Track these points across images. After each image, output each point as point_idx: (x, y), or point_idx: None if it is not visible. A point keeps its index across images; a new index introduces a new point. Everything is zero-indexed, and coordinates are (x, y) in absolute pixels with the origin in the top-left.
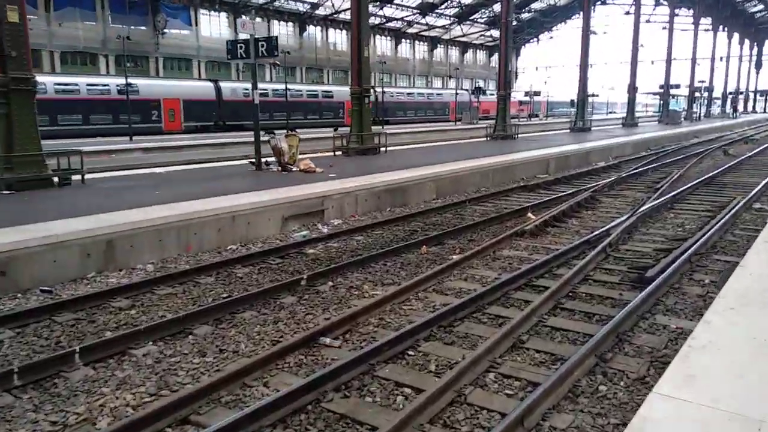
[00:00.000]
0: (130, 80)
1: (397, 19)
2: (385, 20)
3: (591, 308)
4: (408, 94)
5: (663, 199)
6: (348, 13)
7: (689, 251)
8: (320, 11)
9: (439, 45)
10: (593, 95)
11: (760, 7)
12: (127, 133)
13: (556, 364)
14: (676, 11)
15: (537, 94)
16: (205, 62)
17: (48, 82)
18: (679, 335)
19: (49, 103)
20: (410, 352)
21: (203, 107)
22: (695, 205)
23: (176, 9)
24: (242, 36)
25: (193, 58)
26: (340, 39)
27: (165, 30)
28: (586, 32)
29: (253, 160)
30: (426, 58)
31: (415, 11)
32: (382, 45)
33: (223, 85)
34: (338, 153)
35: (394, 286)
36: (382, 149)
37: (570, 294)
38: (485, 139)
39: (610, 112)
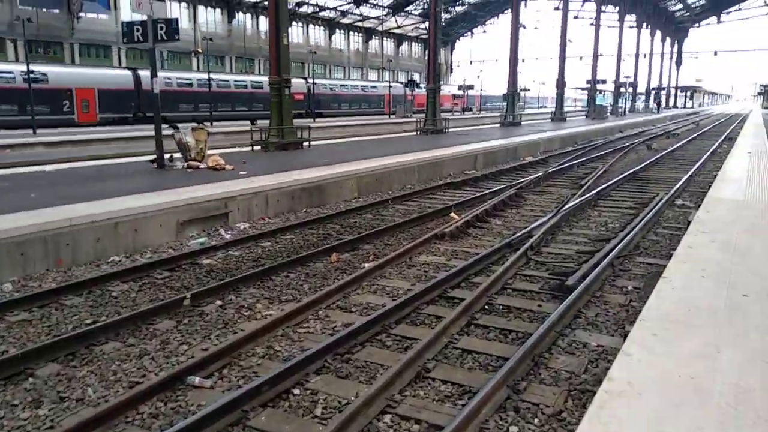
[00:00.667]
0: (39, 67)
1: (330, 9)
2: (318, 9)
3: (507, 324)
4: (341, 86)
5: (587, 196)
6: None
7: (611, 254)
8: None
9: (374, 36)
10: (524, 90)
11: (680, 6)
12: (43, 124)
13: (463, 398)
14: (603, 8)
15: (470, 87)
16: (125, 50)
17: None
18: (600, 355)
19: None
20: (296, 391)
21: (121, 97)
22: (619, 201)
23: None
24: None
25: (113, 45)
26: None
27: (81, 14)
28: (515, 27)
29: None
30: (361, 50)
31: (349, 1)
32: (315, 35)
33: (142, 73)
34: (257, 148)
35: (292, 304)
36: (306, 144)
37: (486, 307)
38: (416, 133)
39: (542, 107)
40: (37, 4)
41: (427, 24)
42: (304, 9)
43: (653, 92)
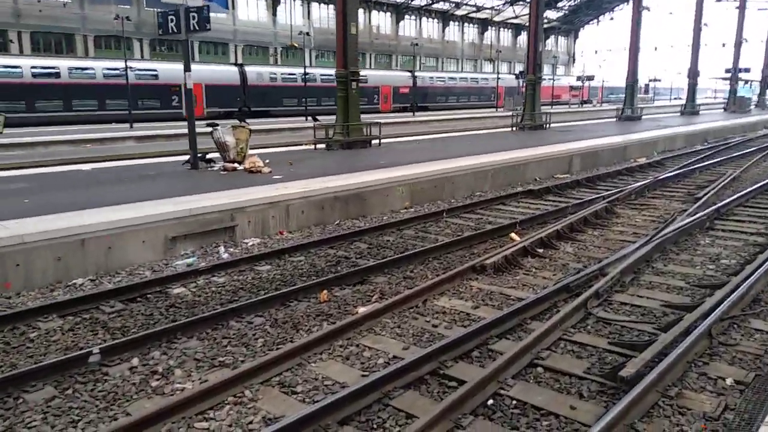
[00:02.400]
0: (150, 65)
1: (443, 0)
2: (431, 1)
3: None
4: (449, 78)
5: (701, 214)
6: None
7: (713, 315)
8: None
9: (490, 27)
10: (654, 80)
11: None
12: (148, 118)
13: None
14: None
15: (590, 78)
16: (242, 46)
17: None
18: None
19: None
20: None
21: (227, 92)
22: (745, 224)
23: None
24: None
25: (230, 43)
26: (384, 22)
27: None
28: (637, 10)
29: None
30: (475, 42)
31: None
32: (428, 28)
33: (248, 69)
34: (321, 146)
35: (224, 371)
36: (375, 142)
37: (490, 403)
38: (511, 129)
39: (676, 98)
40: (160, 6)
41: (547, 12)
42: (417, 2)
43: None
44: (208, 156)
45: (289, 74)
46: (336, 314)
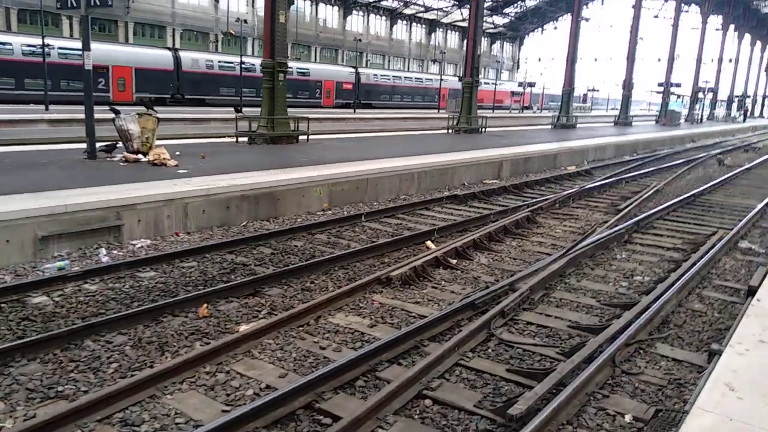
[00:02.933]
0: (72, 44)
1: None
2: None
3: None
4: (394, 77)
5: (621, 226)
6: None
7: (619, 339)
8: None
9: (437, 29)
10: (593, 90)
11: None
12: (69, 100)
13: None
14: (685, 7)
15: (532, 84)
16: (180, 31)
17: None
18: None
19: None
20: None
21: (159, 77)
22: (662, 238)
23: None
24: None
25: (168, 26)
26: (330, 15)
27: None
28: (575, 20)
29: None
30: (423, 42)
31: None
32: (376, 25)
33: (183, 54)
34: (243, 140)
35: (58, 405)
36: (304, 138)
37: None
38: (447, 131)
39: (613, 108)
40: None
41: (494, 17)
42: None
43: (737, 99)
44: (113, 145)
45: (227, 62)
46: (213, 333)
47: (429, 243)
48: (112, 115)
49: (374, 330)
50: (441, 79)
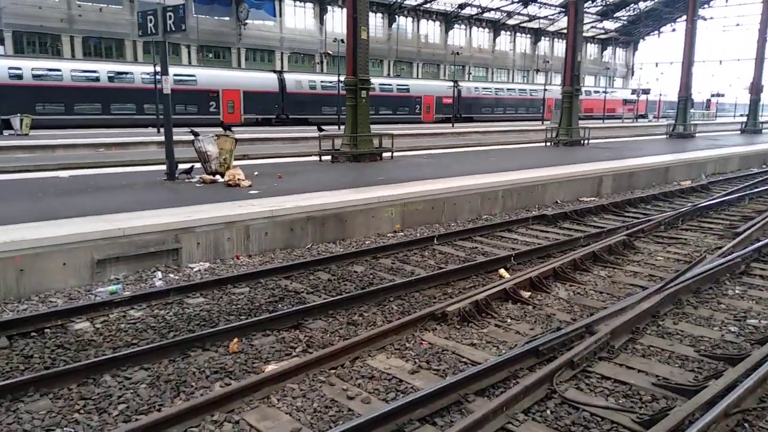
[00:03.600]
0: (190, 70)
1: (494, 10)
2: (480, 11)
3: None
4: (496, 89)
5: (738, 253)
6: (442, 2)
7: (716, 408)
8: (410, 1)
9: (543, 38)
10: (718, 95)
11: None
12: (186, 123)
13: None
14: None
15: (646, 92)
16: (288, 54)
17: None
18: None
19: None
20: None
21: (265, 99)
22: None
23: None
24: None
25: (276, 50)
26: (432, 30)
27: (247, 21)
28: (692, 20)
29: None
30: (527, 52)
31: (515, 0)
32: (478, 37)
33: (287, 76)
34: (327, 158)
35: None
36: (388, 155)
37: None
38: (545, 144)
39: (742, 115)
40: (210, 13)
41: (605, 23)
42: (467, 11)
43: None
44: (192, 166)
45: (329, 83)
46: (238, 371)
47: (502, 271)
48: (199, 137)
49: (415, 377)
50: (545, 89)
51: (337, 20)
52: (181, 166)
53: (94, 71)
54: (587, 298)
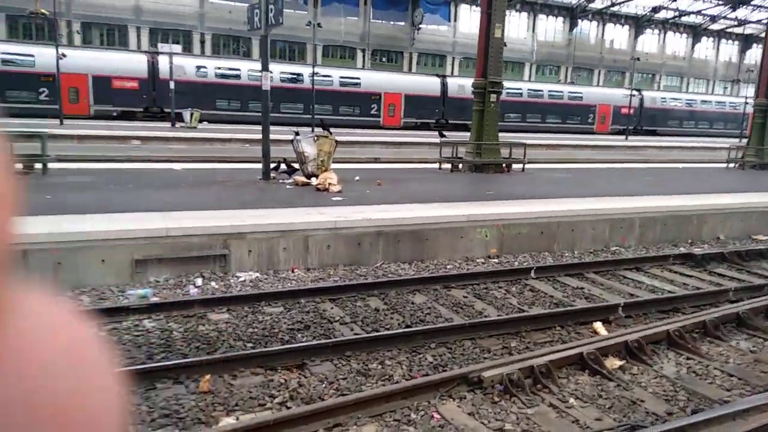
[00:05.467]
0: (355, 73)
1: (694, 13)
2: (678, 14)
3: None
4: (687, 101)
5: None
6: (633, 5)
7: None
8: (595, 4)
9: (754, 44)
10: None
11: None
12: (347, 125)
13: None
14: None
15: None
16: (459, 59)
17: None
18: None
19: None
20: None
21: (426, 103)
22: None
23: (436, 4)
24: None
25: (448, 54)
26: (619, 36)
27: (421, 25)
28: None
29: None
30: (733, 60)
31: (720, 2)
32: (673, 43)
33: (449, 80)
34: (446, 166)
35: None
36: (518, 166)
37: None
38: (725, 165)
39: None
40: (386, 18)
41: None
42: (661, 14)
43: None
44: (293, 168)
45: (515, 89)
46: (188, 421)
47: (598, 325)
48: (298, 137)
49: None
50: (745, 102)
51: (513, 25)
52: (283, 166)
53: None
54: (705, 382)
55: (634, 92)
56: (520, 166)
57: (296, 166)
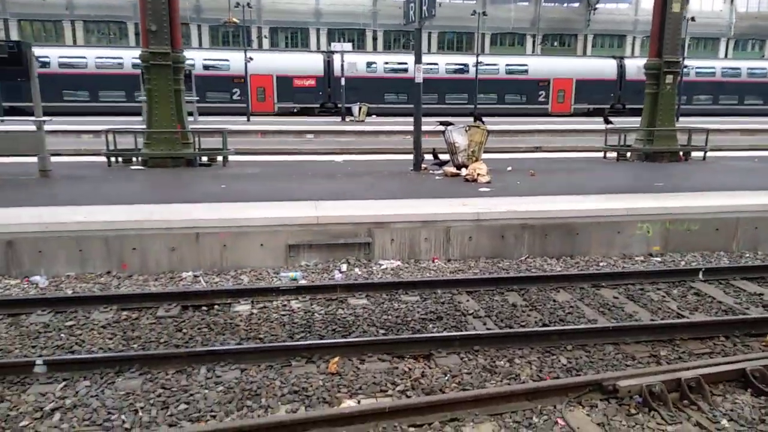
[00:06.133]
0: (522, 59)
1: None
2: None
3: None
4: None
5: None
6: None
7: None
8: None
9: None
10: None
11: None
12: (513, 114)
13: None
14: None
15: None
16: (642, 38)
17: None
18: None
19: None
20: None
21: (600, 88)
22: None
23: None
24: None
25: (628, 34)
26: None
27: (598, 5)
28: None
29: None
30: None
31: None
32: None
33: (628, 62)
34: (612, 155)
35: None
36: (699, 154)
37: None
38: None
39: None
40: (560, 0)
41: None
42: None
43: None
44: (444, 159)
45: (697, 68)
46: (315, 399)
47: None
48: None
49: None
50: None
51: None
52: (441, 157)
53: (435, 63)
54: None
55: None
56: (701, 154)
57: (446, 157)
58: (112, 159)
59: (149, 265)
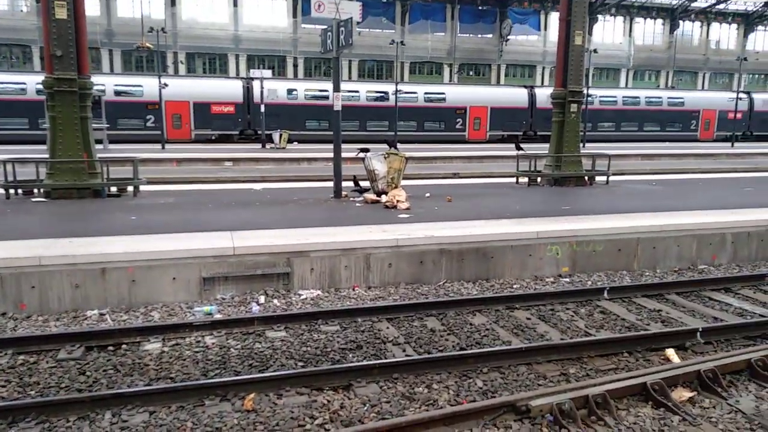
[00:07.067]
0: (440, 88)
1: None
2: None
3: None
4: None
5: None
6: (741, 1)
7: None
8: (698, 3)
9: None
10: None
11: None
12: (432, 140)
13: None
14: None
15: None
16: (550, 68)
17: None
18: None
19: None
20: None
21: (513, 116)
22: None
23: (525, 14)
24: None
25: (538, 64)
26: (726, 35)
27: (509, 36)
28: None
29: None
30: None
31: None
32: None
33: (538, 91)
34: (524, 180)
35: None
36: (603, 179)
37: None
38: None
39: None
40: (474, 32)
41: None
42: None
43: None
44: (363, 187)
45: (609, 96)
46: None
47: (670, 352)
48: (368, 154)
49: None
50: None
51: (608, 30)
52: (361, 184)
53: (356, 91)
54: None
55: (742, 95)
56: (605, 178)
57: (366, 184)
58: (11, 191)
59: (50, 305)
